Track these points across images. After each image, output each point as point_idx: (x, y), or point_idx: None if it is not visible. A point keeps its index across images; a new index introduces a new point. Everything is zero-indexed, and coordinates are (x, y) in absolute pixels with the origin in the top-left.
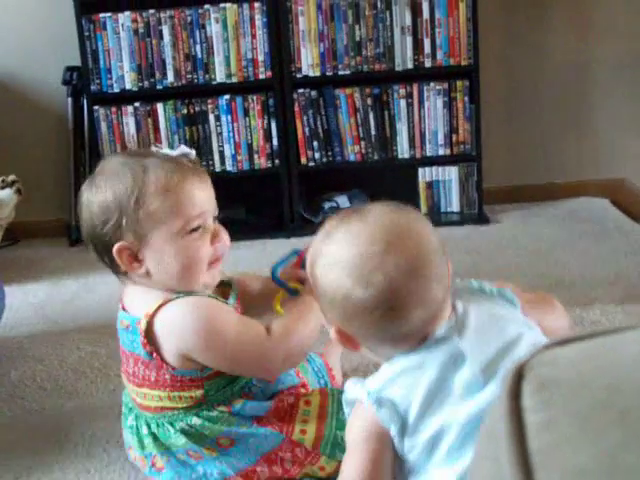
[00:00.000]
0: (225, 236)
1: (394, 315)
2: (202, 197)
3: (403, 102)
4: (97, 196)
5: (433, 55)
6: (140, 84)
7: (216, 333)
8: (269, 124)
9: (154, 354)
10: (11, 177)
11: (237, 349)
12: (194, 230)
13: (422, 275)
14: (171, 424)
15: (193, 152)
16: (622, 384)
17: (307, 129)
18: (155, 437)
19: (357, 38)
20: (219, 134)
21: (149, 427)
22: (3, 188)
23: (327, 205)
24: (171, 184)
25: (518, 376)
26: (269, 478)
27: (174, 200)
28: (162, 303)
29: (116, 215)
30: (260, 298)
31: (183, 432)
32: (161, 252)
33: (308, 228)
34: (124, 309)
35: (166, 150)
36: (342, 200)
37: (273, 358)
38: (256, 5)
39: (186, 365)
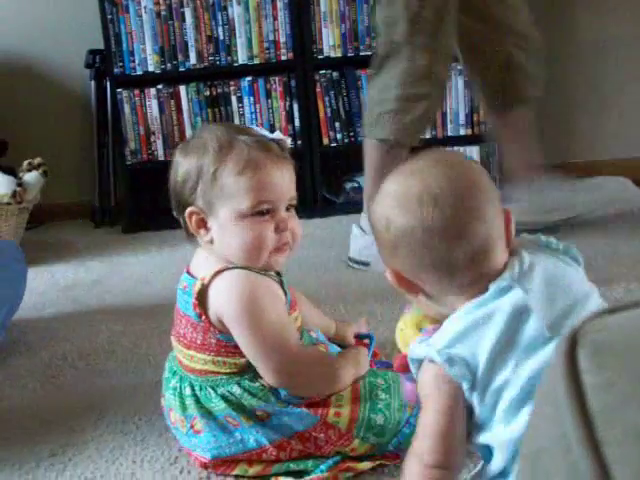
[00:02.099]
0: (295, 225)
1: (433, 240)
2: (277, 183)
3: None
4: (184, 157)
5: None
6: (162, 66)
7: (254, 314)
8: (291, 105)
9: (202, 316)
10: (37, 160)
11: (264, 339)
12: (261, 213)
13: (465, 205)
14: (213, 388)
15: (289, 140)
16: None
17: (329, 110)
18: (197, 399)
19: None
20: (241, 115)
21: (193, 389)
22: (30, 171)
23: (349, 185)
24: (250, 164)
25: (572, 341)
26: (301, 451)
27: (248, 180)
28: (220, 269)
29: (194, 180)
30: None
31: (224, 398)
32: (225, 226)
33: (330, 209)
34: (188, 272)
35: (263, 131)
36: (363, 180)
37: (283, 369)
38: None
39: (227, 330)
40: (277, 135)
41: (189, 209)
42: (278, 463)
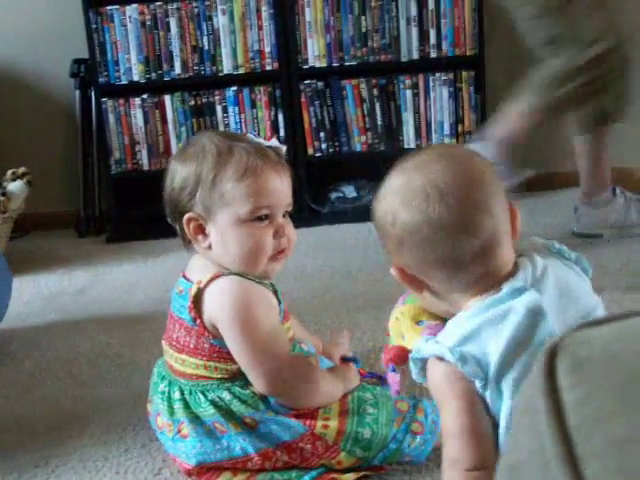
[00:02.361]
0: (290, 232)
1: (439, 235)
2: (275, 189)
3: (409, 92)
4: (182, 164)
5: (439, 45)
6: (147, 76)
7: (247, 321)
8: (276, 115)
9: (197, 320)
10: (22, 169)
11: (256, 346)
12: (260, 219)
13: (471, 198)
14: (203, 393)
15: (284, 148)
16: None
17: (314, 120)
18: (186, 404)
19: (363, 29)
20: (226, 125)
21: (182, 393)
22: (14, 180)
23: (334, 195)
24: (249, 170)
25: (552, 355)
26: (286, 462)
27: (247, 185)
28: (217, 274)
29: (192, 187)
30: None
31: (213, 403)
32: (224, 232)
33: (315, 218)
34: (184, 276)
35: (259, 139)
36: (349, 190)
37: (274, 377)
38: None
39: (221, 335)
40: (274, 143)
41: (187, 215)
42: (262, 473)
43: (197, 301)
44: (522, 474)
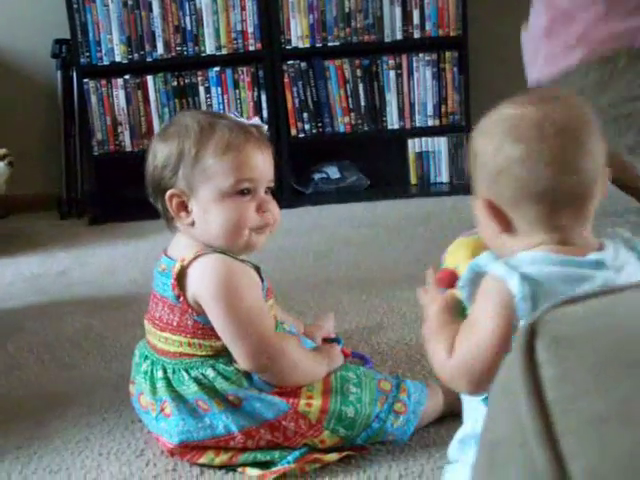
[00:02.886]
0: (274, 207)
1: (543, 170)
2: (257, 164)
3: (392, 73)
4: (163, 143)
5: (422, 26)
6: (130, 56)
7: (231, 297)
8: (259, 96)
9: (181, 297)
10: (3, 150)
11: (240, 322)
12: (242, 193)
13: (576, 137)
14: (186, 371)
15: (265, 126)
16: (631, 338)
17: (297, 100)
18: (169, 382)
19: (346, 9)
20: (209, 106)
21: (165, 372)
22: None
23: (317, 176)
24: (231, 145)
25: (531, 333)
26: (269, 441)
27: (229, 160)
28: (200, 252)
29: (175, 163)
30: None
31: (196, 381)
32: (207, 207)
33: (299, 199)
34: (166, 254)
35: (241, 118)
36: (332, 171)
37: (258, 353)
38: None
39: (204, 312)
40: (255, 121)
41: (170, 191)
42: (245, 453)
43: (180, 278)
44: (501, 450)
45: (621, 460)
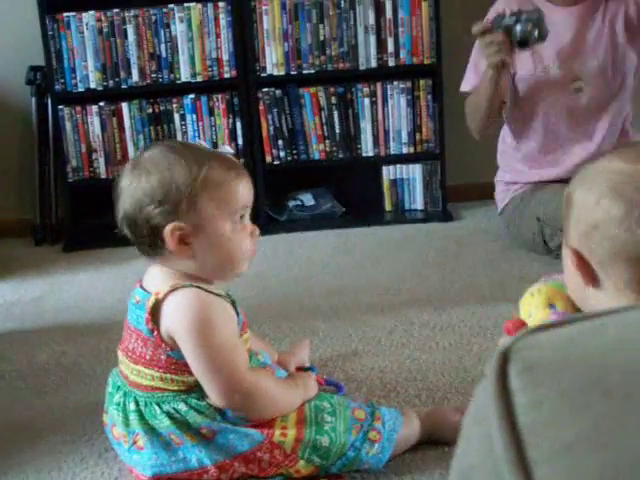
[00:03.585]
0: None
1: (638, 232)
2: (247, 191)
3: (367, 101)
4: (150, 179)
5: (396, 54)
6: (105, 83)
7: (205, 333)
8: (234, 123)
9: (155, 332)
10: None
11: (212, 358)
12: (240, 224)
13: None
14: (159, 405)
15: (232, 152)
16: (605, 365)
17: (272, 128)
18: (141, 415)
19: (321, 37)
20: (184, 133)
21: (137, 404)
22: None
23: (292, 203)
24: (228, 177)
25: (503, 360)
26: (244, 474)
27: (228, 192)
28: (175, 286)
29: (175, 198)
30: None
31: (168, 415)
32: (210, 239)
33: (273, 227)
34: (141, 287)
35: (207, 145)
36: (307, 198)
37: (230, 390)
38: (220, 5)
39: (178, 347)
40: (226, 149)
41: (171, 225)
42: None
43: (155, 312)
44: (473, 478)
45: None
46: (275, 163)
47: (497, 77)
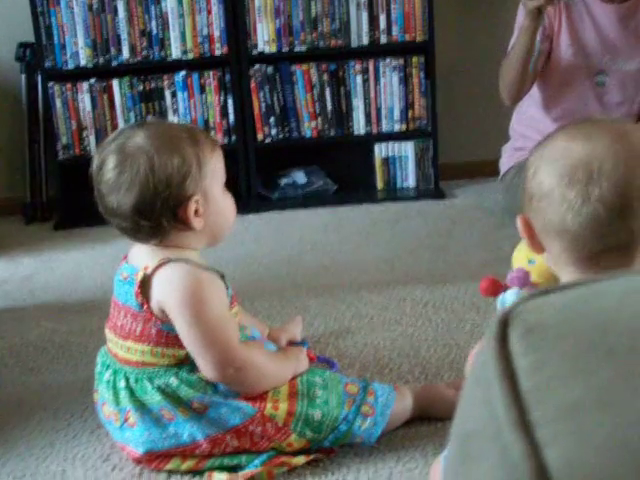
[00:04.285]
0: None
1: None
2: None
3: (359, 78)
4: (153, 164)
5: (389, 31)
6: (95, 60)
7: (197, 307)
8: (225, 100)
9: (145, 306)
10: None
11: (205, 332)
12: None
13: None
14: (149, 380)
15: None
16: (608, 326)
17: (263, 105)
18: (132, 392)
19: (313, 14)
20: (175, 110)
21: (127, 381)
22: None
23: (284, 181)
24: (215, 145)
25: (504, 324)
26: (236, 448)
27: (220, 158)
28: (164, 260)
29: (184, 173)
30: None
31: (160, 390)
32: (218, 206)
33: (265, 205)
34: (127, 263)
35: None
36: (299, 176)
37: (223, 364)
38: None
39: (169, 320)
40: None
41: (194, 199)
42: (212, 458)
43: (144, 286)
44: (474, 443)
45: (599, 447)
46: (267, 141)
47: (533, 27)
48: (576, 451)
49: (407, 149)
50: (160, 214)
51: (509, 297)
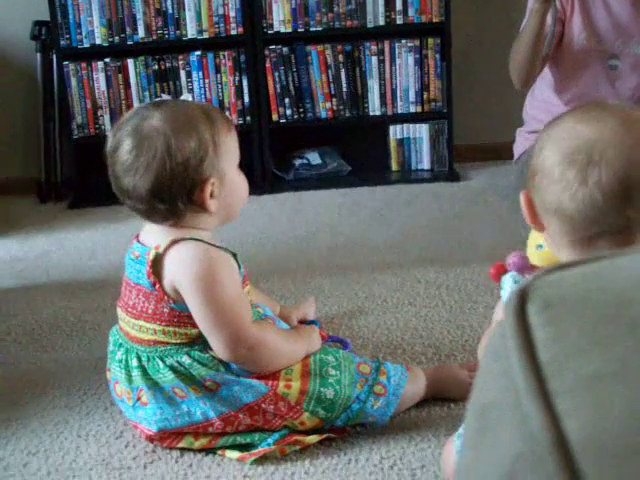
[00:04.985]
0: None
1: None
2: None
3: (374, 59)
4: (175, 140)
5: (405, 12)
6: (110, 39)
7: (211, 286)
8: (240, 81)
9: (156, 285)
10: None
11: (218, 312)
12: None
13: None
14: (162, 359)
15: (191, 99)
16: (628, 298)
17: (278, 86)
18: (144, 371)
19: None
20: (190, 90)
21: (139, 360)
22: None
23: (298, 162)
24: (231, 124)
25: (522, 298)
26: (249, 426)
27: (235, 138)
28: (176, 239)
29: (201, 156)
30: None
31: (172, 368)
32: (233, 187)
33: (279, 185)
34: (139, 242)
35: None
36: (313, 157)
37: (236, 343)
38: None
39: (181, 299)
40: (188, 97)
41: (210, 181)
42: (225, 436)
43: (156, 266)
44: (492, 414)
45: (618, 418)
46: (281, 121)
47: (543, 10)
48: (595, 422)
49: (422, 131)
50: (176, 197)
51: (505, 282)
